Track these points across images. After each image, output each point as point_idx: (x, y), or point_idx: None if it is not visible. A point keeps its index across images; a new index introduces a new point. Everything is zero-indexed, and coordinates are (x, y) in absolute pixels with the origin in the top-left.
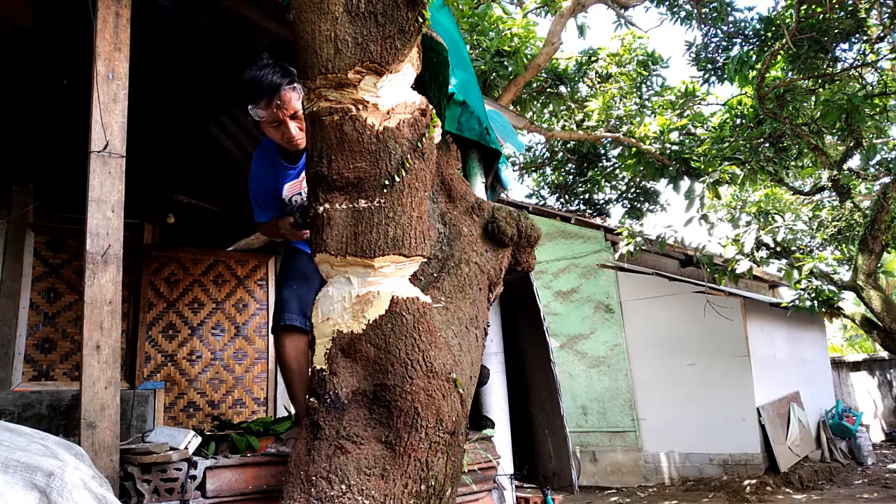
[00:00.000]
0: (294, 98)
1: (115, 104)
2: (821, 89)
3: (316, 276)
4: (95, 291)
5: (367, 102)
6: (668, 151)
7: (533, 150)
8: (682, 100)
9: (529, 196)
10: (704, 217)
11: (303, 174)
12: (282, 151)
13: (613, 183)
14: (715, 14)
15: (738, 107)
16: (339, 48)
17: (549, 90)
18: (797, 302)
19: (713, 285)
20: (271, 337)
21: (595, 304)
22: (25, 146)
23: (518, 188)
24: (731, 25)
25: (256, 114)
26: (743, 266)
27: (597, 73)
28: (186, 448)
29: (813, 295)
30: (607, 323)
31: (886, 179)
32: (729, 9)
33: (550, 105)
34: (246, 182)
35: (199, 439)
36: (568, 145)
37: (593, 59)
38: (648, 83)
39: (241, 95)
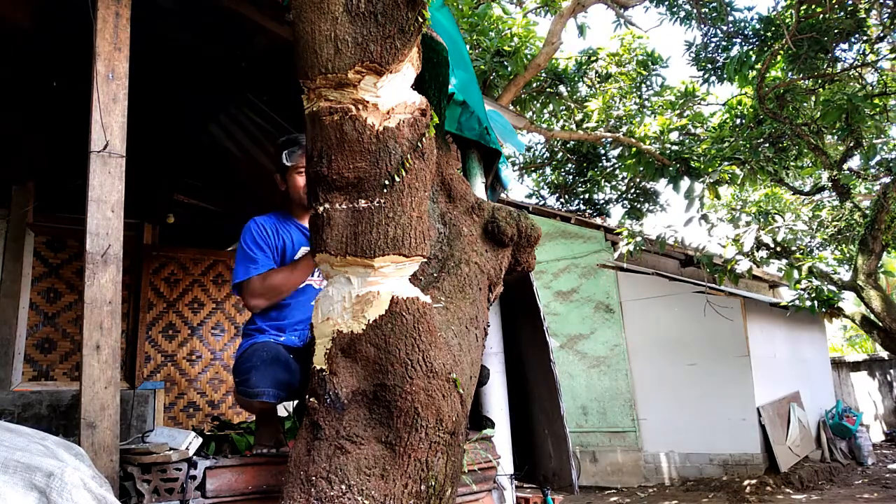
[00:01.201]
0: None
1: (115, 104)
2: (821, 89)
3: (288, 359)
4: (95, 291)
5: (367, 102)
6: (667, 151)
7: (533, 150)
8: (681, 100)
9: (529, 196)
10: (704, 217)
11: None
12: (297, 213)
13: (613, 183)
14: (714, 14)
15: (738, 107)
16: (339, 48)
17: (548, 90)
18: (797, 302)
19: (713, 285)
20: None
21: (595, 304)
22: (25, 146)
23: (518, 188)
24: (730, 25)
25: (291, 158)
26: (743, 266)
27: (596, 73)
28: (187, 449)
29: (813, 295)
30: (607, 323)
31: (886, 179)
32: (728, 9)
33: (550, 105)
34: (245, 181)
35: (200, 440)
36: (568, 145)
37: (593, 59)
38: (648, 83)
39: (286, 143)
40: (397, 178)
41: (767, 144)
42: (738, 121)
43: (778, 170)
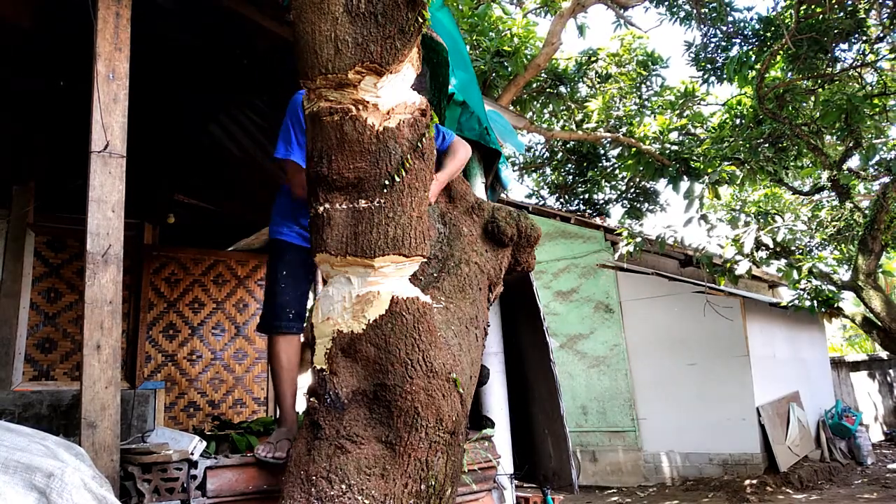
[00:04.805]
0: None
1: (115, 104)
2: (820, 89)
3: (305, 269)
4: (96, 291)
5: (367, 102)
6: (667, 151)
7: (533, 150)
8: (681, 100)
9: (529, 196)
10: (704, 217)
11: None
12: None
13: (613, 183)
14: (714, 14)
15: (738, 107)
16: (339, 48)
17: (548, 90)
18: (797, 302)
19: (713, 285)
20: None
21: (595, 304)
22: (26, 146)
23: (518, 188)
24: (730, 25)
25: None
26: (742, 266)
27: (596, 73)
28: (192, 452)
29: (812, 295)
30: (607, 323)
31: (886, 179)
32: (728, 9)
33: (550, 105)
34: (245, 181)
35: (204, 444)
36: (568, 145)
37: (593, 59)
38: (648, 83)
39: None
40: (397, 178)
41: (767, 144)
42: (738, 121)
43: (777, 170)
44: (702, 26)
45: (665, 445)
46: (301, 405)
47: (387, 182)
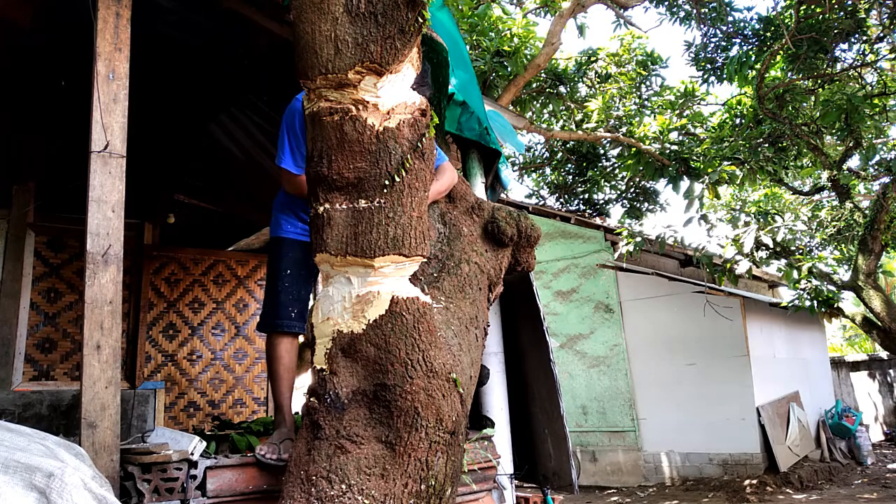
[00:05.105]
0: None
1: (115, 104)
2: (820, 89)
3: (307, 266)
4: (96, 291)
5: (368, 102)
6: (667, 151)
7: (532, 150)
8: (681, 100)
9: (529, 196)
10: (704, 217)
11: None
12: None
13: (613, 183)
14: (714, 14)
15: (738, 107)
16: (339, 48)
17: (548, 90)
18: (797, 302)
19: (713, 285)
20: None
21: (595, 304)
22: (26, 146)
23: (518, 188)
24: (730, 25)
25: None
26: (742, 266)
27: (596, 73)
28: (192, 452)
29: (812, 295)
30: (607, 323)
31: (886, 179)
32: (728, 9)
33: (550, 105)
34: (245, 182)
35: (204, 444)
36: (567, 145)
37: (593, 59)
38: (648, 83)
39: None
40: (397, 178)
41: (767, 144)
42: (738, 121)
43: (777, 170)
44: (702, 26)
45: (665, 445)
46: (298, 405)
47: (387, 182)
